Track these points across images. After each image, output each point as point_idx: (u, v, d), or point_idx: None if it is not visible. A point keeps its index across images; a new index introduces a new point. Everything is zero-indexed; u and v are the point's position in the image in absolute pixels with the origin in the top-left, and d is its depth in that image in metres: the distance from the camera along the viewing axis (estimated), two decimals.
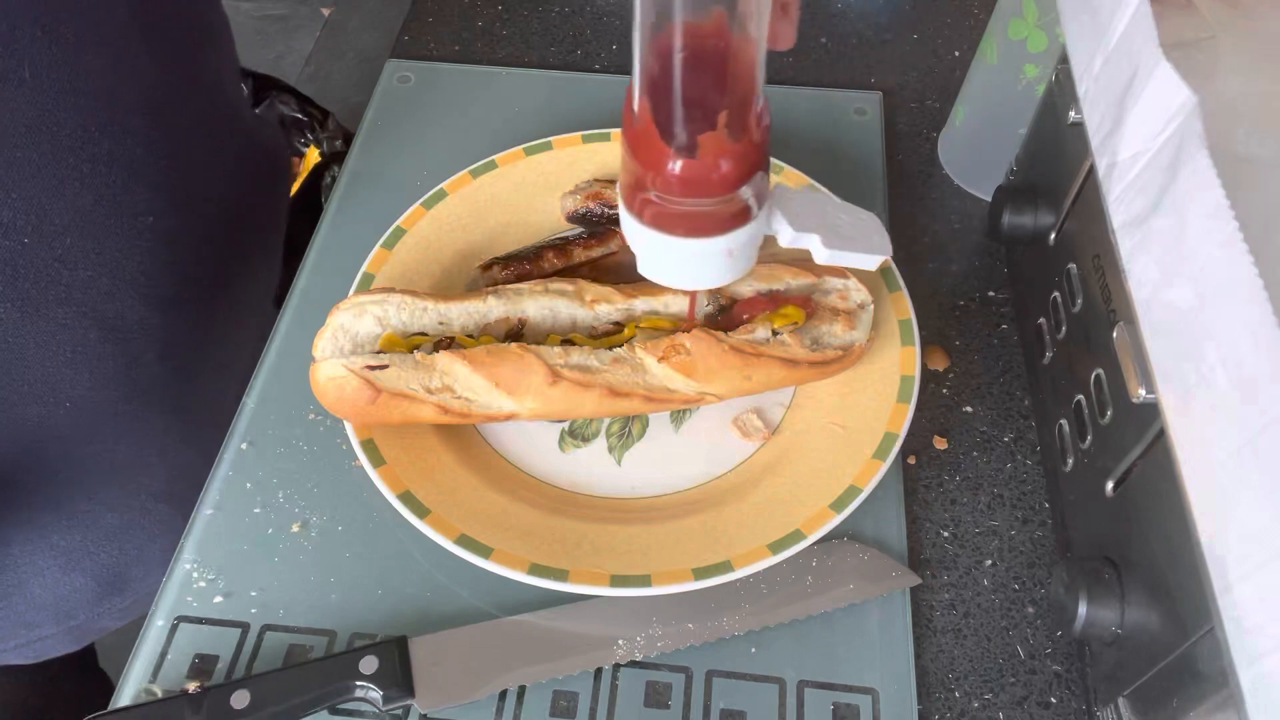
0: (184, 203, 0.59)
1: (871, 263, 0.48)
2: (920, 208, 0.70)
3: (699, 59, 0.34)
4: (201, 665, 0.49)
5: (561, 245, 0.60)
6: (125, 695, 0.48)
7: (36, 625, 0.65)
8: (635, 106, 0.38)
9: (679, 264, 0.43)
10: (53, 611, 0.64)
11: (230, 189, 0.66)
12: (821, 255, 0.46)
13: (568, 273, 0.60)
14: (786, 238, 0.45)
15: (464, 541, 0.49)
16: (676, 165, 0.37)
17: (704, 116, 0.36)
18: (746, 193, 0.39)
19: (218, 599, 0.51)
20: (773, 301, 0.55)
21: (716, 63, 0.34)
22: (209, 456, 0.56)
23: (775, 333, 0.53)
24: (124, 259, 0.55)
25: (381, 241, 0.62)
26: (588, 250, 0.60)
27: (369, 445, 0.53)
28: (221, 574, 0.52)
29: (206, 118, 0.62)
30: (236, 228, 0.67)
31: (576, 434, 0.57)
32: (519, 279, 0.58)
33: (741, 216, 0.41)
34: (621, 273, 0.61)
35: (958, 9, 0.85)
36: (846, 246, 0.47)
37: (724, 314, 0.56)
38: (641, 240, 0.42)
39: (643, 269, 0.44)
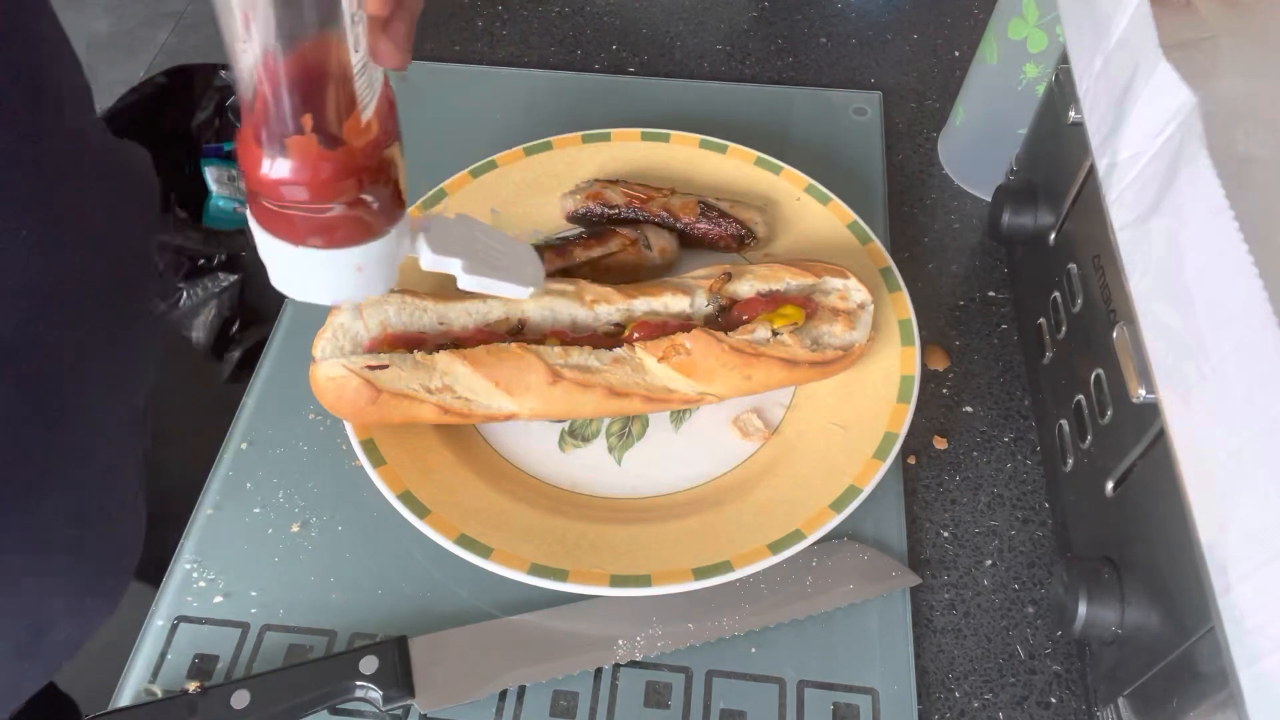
0: (55, 217, 0.57)
1: (519, 293, 0.49)
2: (920, 208, 0.70)
3: (280, 67, 0.34)
4: (201, 665, 0.49)
5: (561, 245, 0.60)
6: (125, 695, 0.48)
7: None
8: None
9: (304, 274, 0.42)
10: None
11: (94, 206, 0.63)
12: (463, 281, 0.47)
13: (567, 273, 0.60)
14: (427, 260, 0.46)
15: (464, 541, 0.49)
16: (269, 168, 0.37)
17: (288, 121, 0.36)
18: (372, 203, 0.40)
19: (218, 599, 0.51)
20: (772, 302, 0.55)
21: (298, 71, 0.35)
22: (106, 476, 0.54)
23: (775, 333, 0.53)
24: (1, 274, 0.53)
25: None
26: (587, 250, 0.60)
27: (369, 445, 0.53)
28: (221, 574, 0.52)
29: (54, 134, 0.59)
30: (107, 244, 0.64)
31: (576, 434, 0.57)
32: None
33: (364, 230, 0.40)
34: (621, 273, 0.61)
35: (958, 9, 0.85)
36: (491, 274, 0.48)
37: (724, 314, 0.55)
38: (265, 247, 0.41)
39: (273, 280, 0.43)
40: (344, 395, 0.50)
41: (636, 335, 0.54)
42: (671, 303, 0.55)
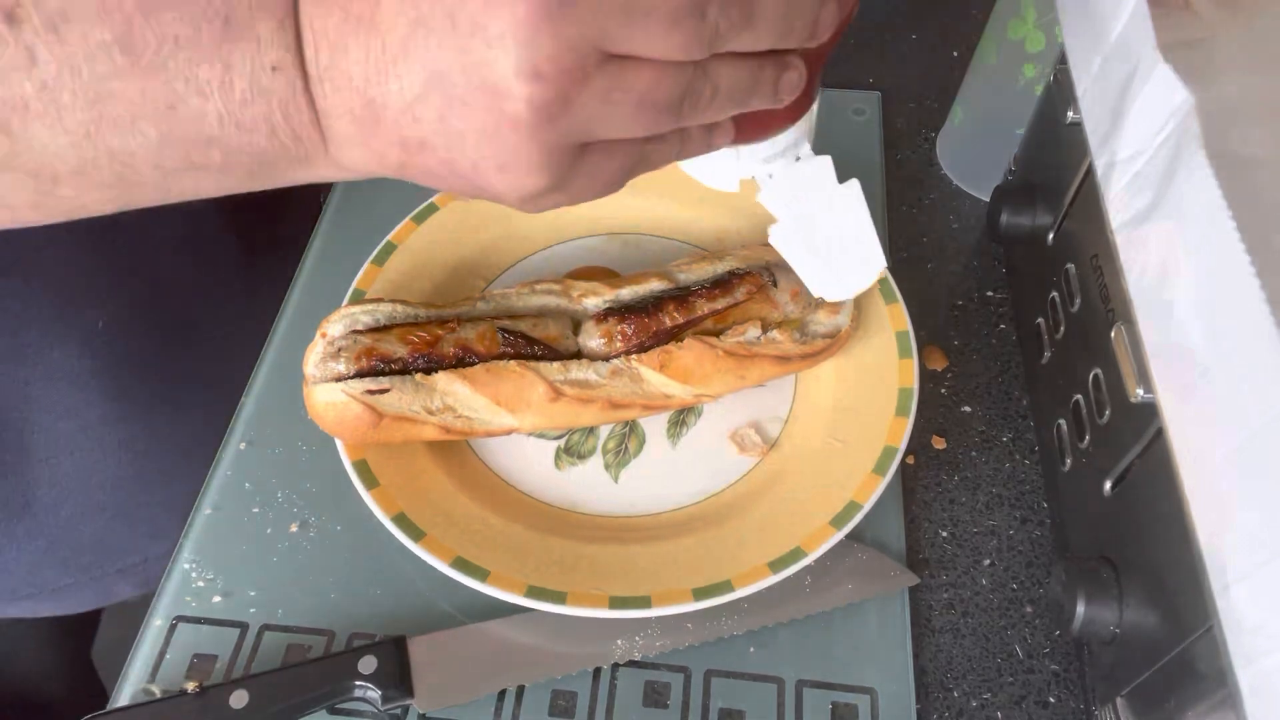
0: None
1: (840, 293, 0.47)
2: (919, 208, 0.70)
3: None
4: (200, 665, 0.49)
5: (683, 297, 0.55)
6: (124, 695, 0.48)
7: (92, 566, 0.65)
8: None
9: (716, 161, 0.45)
10: (101, 550, 0.65)
11: None
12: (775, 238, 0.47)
13: (689, 325, 0.55)
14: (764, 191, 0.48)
15: (460, 564, 0.49)
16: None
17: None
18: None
19: (216, 599, 0.51)
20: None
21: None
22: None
23: (765, 330, 0.54)
24: None
25: (372, 258, 0.62)
26: (711, 302, 0.55)
27: (361, 466, 0.52)
28: (220, 574, 0.52)
29: None
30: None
31: (573, 451, 0.56)
32: (638, 333, 0.54)
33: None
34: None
35: (956, 9, 0.85)
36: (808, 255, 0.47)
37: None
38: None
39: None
40: (345, 420, 0.49)
41: (629, 332, 0.53)
42: (657, 287, 0.55)
